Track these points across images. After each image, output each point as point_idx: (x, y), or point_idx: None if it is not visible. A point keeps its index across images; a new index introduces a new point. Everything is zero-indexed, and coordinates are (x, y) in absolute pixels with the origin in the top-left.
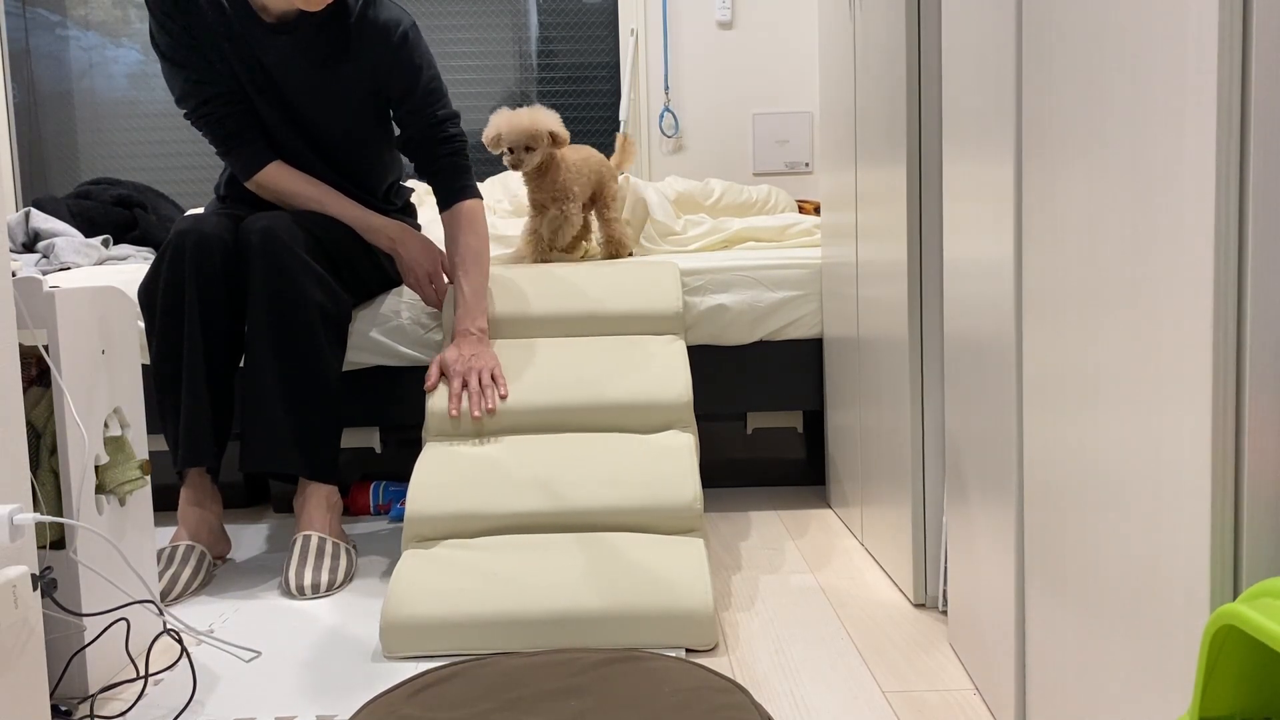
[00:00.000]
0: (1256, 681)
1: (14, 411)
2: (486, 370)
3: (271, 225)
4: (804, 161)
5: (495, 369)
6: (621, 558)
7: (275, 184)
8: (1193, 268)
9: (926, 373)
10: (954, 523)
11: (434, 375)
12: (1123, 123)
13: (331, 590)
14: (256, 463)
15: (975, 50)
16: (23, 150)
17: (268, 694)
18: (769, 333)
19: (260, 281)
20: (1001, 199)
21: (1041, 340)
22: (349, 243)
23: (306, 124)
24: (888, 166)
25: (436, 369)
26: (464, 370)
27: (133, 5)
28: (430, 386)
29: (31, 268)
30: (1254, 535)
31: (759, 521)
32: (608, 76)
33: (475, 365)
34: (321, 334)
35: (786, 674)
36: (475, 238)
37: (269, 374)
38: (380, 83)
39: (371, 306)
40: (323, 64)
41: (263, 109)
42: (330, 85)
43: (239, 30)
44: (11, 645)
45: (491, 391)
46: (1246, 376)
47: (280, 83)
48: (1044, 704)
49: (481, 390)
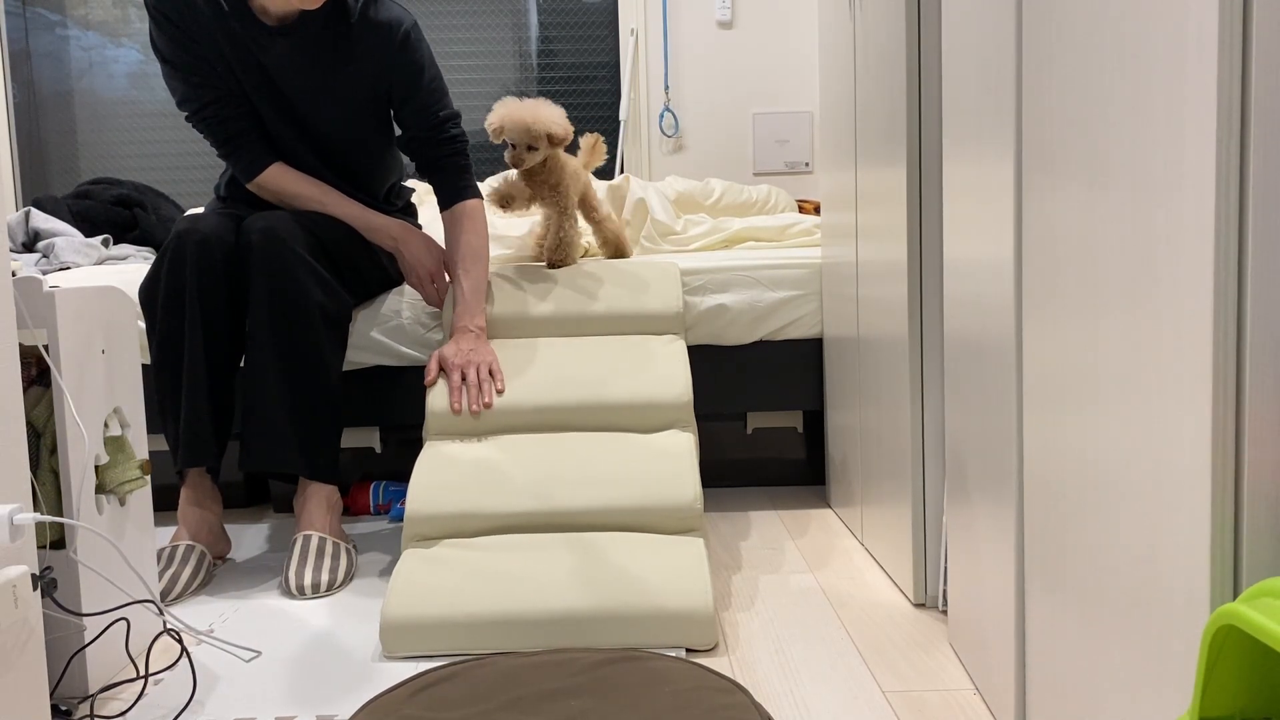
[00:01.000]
0: (1256, 681)
1: (14, 411)
2: (484, 365)
3: (272, 225)
4: (804, 161)
5: (493, 364)
6: (622, 558)
7: (277, 185)
8: (1193, 268)
9: (926, 373)
10: (954, 523)
11: (433, 370)
12: (1123, 123)
13: (331, 590)
14: (257, 463)
15: (975, 50)
16: (23, 150)
17: (268, 694)
18: (769, 333)
19: (261, 281)
20: (1001, 199)
21: (1041, 340)
22: (349, 242)
23: (307, 125)
24: (888, 166)
25: (435, 364)
26: (462, 364)
27: (133, 5)
28: (430, 381)
29: (31, 268)
30: (1254, 535)
31: (759, 521)
32: (608, 76)
33: (473, 360)
34: (322, 334)
35: (786, 674)
36: (475, 236)
37: (269, 374)
38: (382, 83)
39: (372, 306)
40: (323, 65)
41: (263, 111)
42: (331, 86)
43: (238, 32)
44: (11, 645)
45: (489, 386)
46: (1246, 376)
47: (280, 84)
48: (1044, 704)
49: (479, 385)
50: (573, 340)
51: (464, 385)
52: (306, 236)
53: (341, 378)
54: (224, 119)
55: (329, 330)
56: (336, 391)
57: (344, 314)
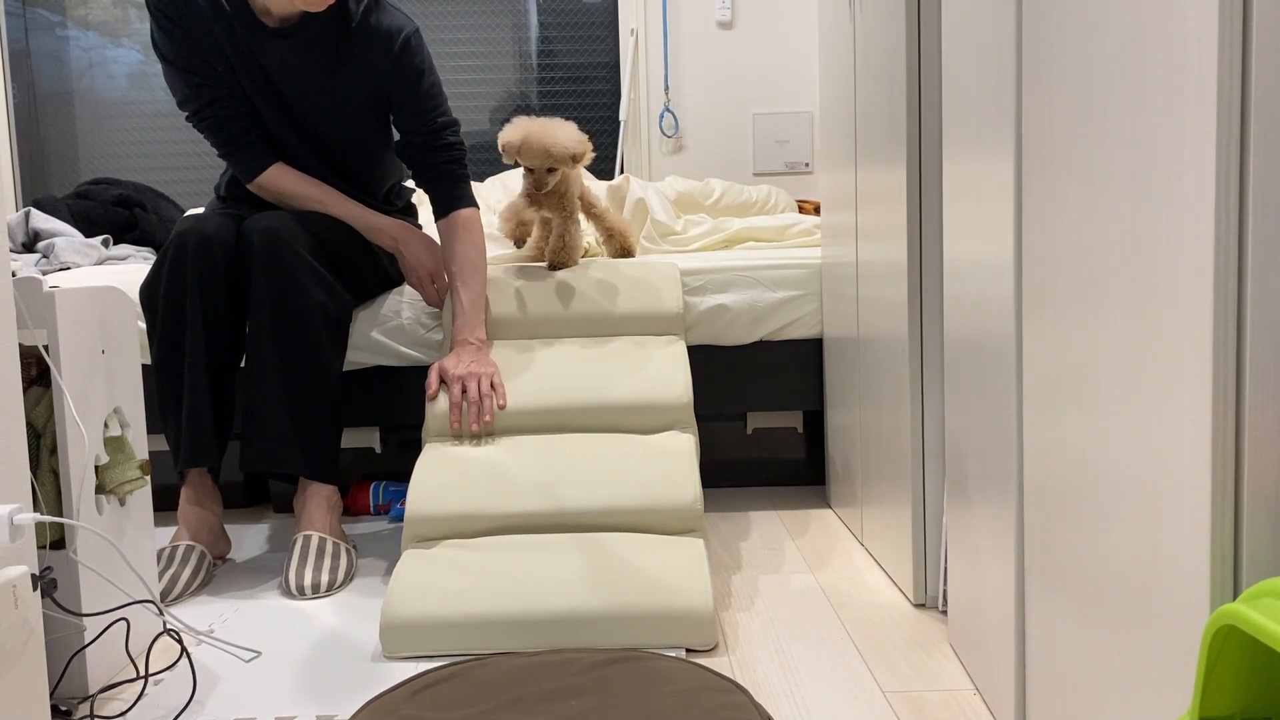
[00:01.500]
0: (1256, 681)
1: (14, 411)
2: (486, 378)
3: (274, 225)
4: (804, 161)
5: (495, 376)
6: (622, 558)
7: (277, 185)
8: (1193, 268)
9: (926, 373)
10: (954, 523)
11: (434, 383)
12: (1123, 122)
13: (331, 590)
14: (257, 462)
15: (975, 50)
16: (23, 150)
17: (268, 694)
18: (769, 333)
19: (263, 282)
20: (1001, 199)
21: (1041, 340)
22: (350, 243)
23: (308, 127)
24: (888, 166)
25: (436, 377)
26: (463, 375)
27: (133, 5)
28: (432, 395)
29: (31, 268)
30: (1254, 535)
31: (759, 521)
32: (608, 76)
33: (475, 371)
34: (323, 334)
35: (786, 674)
36: (473, 248)
37: (271, 374)
38: (381, 88)
39: (371, 306)
40: (323, 68)
41: (264, 111)
42: (332, 89)
43: (240, 33)
44: (11, 645)
45: (489, 402)
46: (1246, 376)
47: (281, 86)
48: (1044, 704)
49: (480, 399)
50: (573, 341)
51: (464, 400)
52: (308, 237)
53: (342, 378)
54: (225, 119)
55: (329, 330)
56: (337, 392)
57: (345, 314)
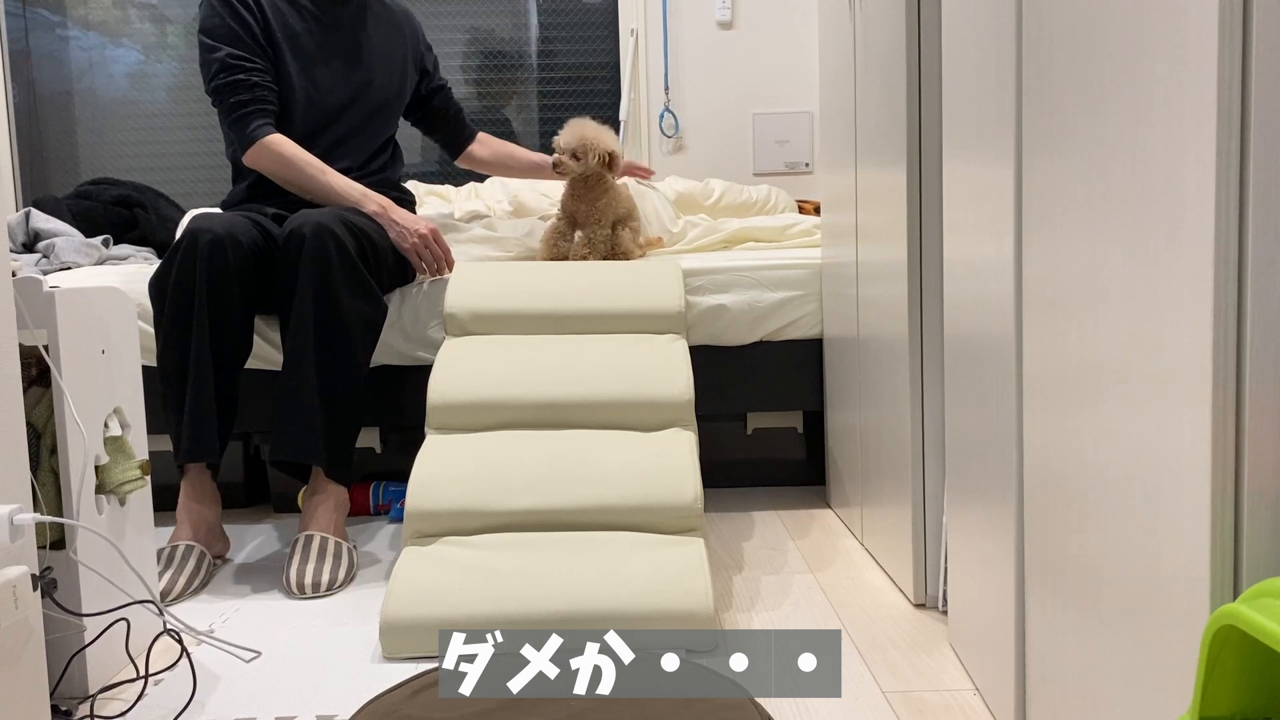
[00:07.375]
0: (1256, 681)
1: (14, 411)
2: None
3: (324, 222)
4: (804, 162)
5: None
6: (621, 557)
7: (278, 148)
8: (1193, 267)
9: (926, 373)
10: (954, 523)
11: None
12: (1123, 122)
13: (332, 589)
14: (291, 453)
15: (975, 50)
16: (23, 150)
17: (268, 694)
18: (769, 333)
19: (308, 280)
20: (1001, 199)
21: (1042, 340)
22: (383, 242)
23: (333, 97)
24: (888, 167)
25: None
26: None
27: (133, 5)
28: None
29: (31, 268)
30: (1254, 535)
31: (759, 521)
32: (608, 76)
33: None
34: (359, 339)
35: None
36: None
37: (309, 369)
38: (417, 58)
39: None
40: (351, 40)
41: (295, 80)
42: (363, 59)
43: (281, 6)
44: (11, 645)
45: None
46: (1246, 376)
47: (310, 54)
48: (1044, 704)
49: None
50: (574, 338)
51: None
52: (353, 239)
53: (366, 384)
54: (251, 85)
55: (366, 336)
56: (363, 396)
57: (380, 319)
